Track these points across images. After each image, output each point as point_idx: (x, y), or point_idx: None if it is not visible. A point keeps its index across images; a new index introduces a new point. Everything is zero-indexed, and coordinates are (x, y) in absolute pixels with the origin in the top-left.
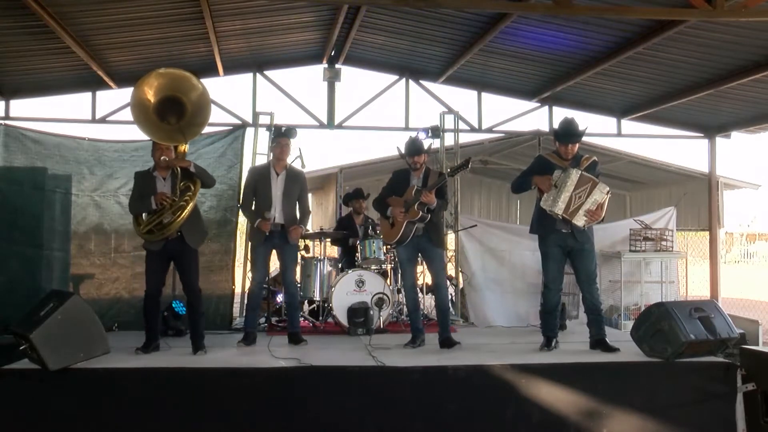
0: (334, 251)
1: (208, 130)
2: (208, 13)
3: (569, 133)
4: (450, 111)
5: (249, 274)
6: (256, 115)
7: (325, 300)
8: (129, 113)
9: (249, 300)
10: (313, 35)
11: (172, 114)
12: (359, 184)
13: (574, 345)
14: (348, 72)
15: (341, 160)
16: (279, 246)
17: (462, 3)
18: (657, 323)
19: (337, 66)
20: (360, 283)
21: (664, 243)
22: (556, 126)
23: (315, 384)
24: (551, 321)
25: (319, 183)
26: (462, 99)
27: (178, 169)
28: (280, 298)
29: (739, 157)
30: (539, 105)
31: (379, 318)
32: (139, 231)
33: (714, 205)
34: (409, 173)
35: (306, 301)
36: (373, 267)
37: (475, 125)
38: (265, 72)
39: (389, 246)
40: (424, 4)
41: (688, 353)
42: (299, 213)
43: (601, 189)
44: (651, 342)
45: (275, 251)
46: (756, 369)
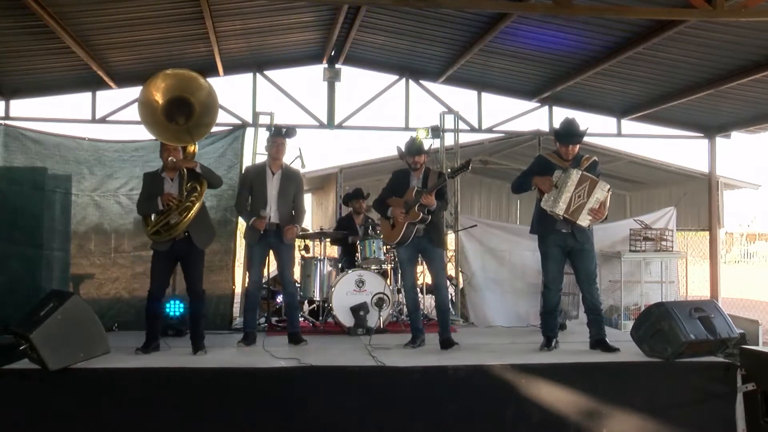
0: (334, 251)
1: None
2: (208, 13)
3: (570, 134)
4: (450, 111)
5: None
6: (256, 115)
7: (325, 300)
8: (129, 113)
9: (247, 301)
10: (313, 35)
11: (180, 114)
12: (359, 184)
13: (574, 345)
14: (348, 72)
15: (341, 160)
16: (275, 246)
17: (462, 3)
18: (657, 323)
19: (337, 66)
20: (360, 283)
21: (664, 243)
22: (556, 126)
23: (315, 384)
24: (551, 321)
25: (319, 183)
26: (462, 99)
27: (184, 170)
28: (280, 298)
29: (739, 157)
30: (539, 105)
31: (379, 318)
32: (147, 232)
33: (714, 205)
34: (409, 173)
35: (306, 301)
36: (373, 267)
37: (475, 125)
38: (265, 72)
39: (389, 246)
40: (424, 4)
41: (688, 353)
42: (294, 213)
43: (602, 187)
44: (651, 342)
45: (272, 251)
46: (756, 369)
